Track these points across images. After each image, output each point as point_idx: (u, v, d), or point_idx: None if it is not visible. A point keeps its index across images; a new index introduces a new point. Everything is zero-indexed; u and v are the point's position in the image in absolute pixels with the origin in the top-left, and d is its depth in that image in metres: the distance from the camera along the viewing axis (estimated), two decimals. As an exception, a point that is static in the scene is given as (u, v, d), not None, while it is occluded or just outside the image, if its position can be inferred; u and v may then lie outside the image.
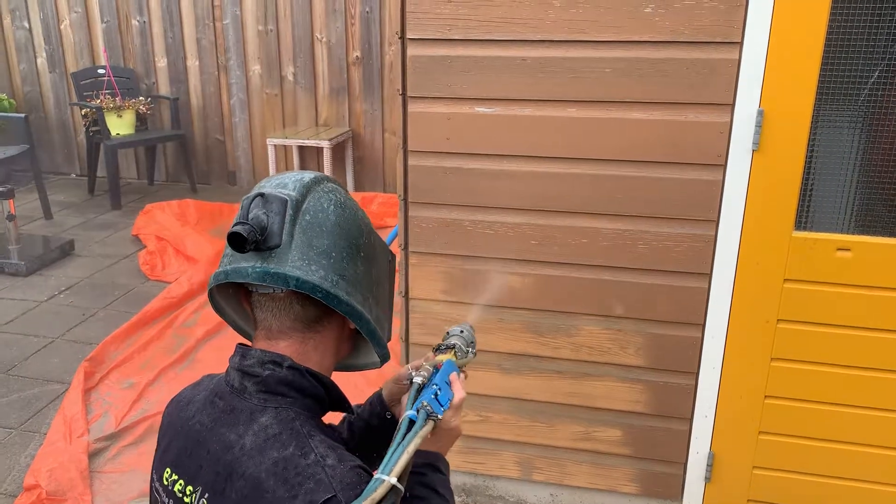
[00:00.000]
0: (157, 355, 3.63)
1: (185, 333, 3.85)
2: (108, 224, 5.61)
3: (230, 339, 3.77)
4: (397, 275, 2.27)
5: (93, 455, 2.91)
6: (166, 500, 1.13)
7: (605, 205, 2.25)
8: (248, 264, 1.04)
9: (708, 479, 2.43)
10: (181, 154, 6.45)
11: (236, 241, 1.02)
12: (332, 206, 1.08)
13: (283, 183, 1.09)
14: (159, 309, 4.04)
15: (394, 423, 1.29)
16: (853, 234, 2.13)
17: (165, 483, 1.13)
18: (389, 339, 1.18)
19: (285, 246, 1.04)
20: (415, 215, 2.40)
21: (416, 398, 1.11)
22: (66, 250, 4.97)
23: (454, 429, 1.18)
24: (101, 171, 6.21)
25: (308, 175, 1.12)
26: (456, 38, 2.19)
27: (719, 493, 2.44)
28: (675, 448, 2.44)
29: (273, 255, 1.04)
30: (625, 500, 2.56)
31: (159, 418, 3.07)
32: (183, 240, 4.91)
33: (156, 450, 1.20)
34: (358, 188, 6.24)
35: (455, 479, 2.44)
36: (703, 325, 2.29)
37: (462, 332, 1.34)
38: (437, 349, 1.30)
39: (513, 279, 2.37)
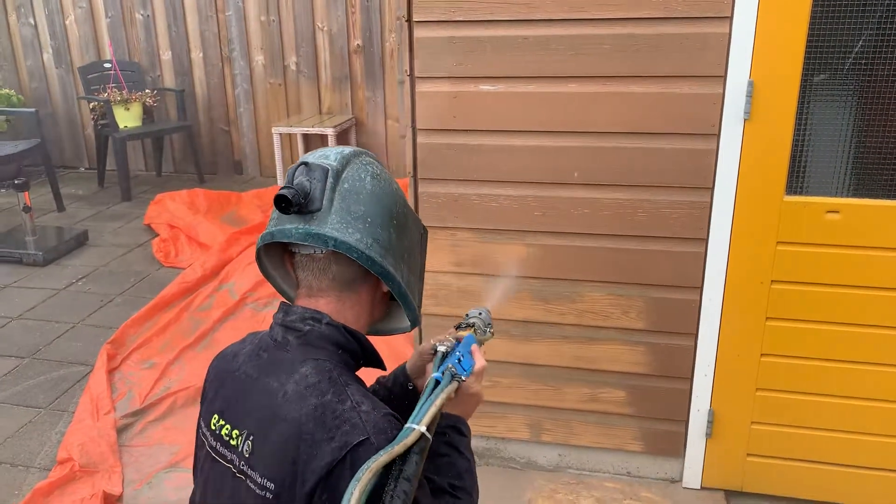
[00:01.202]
0: (176, 337, 3.76)
1: (201, 316, 3.97)
2: (119, 215, 5.73)
3: (246, 320, 3.93)
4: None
5: (120, 430, 3.04)
6: (213, 444, 1.24)
7: (605, 175, 2.36)
8: (291, 225, 1.16)
9: (709, 436, 2.55)
10: (188, 145, 6.56)
11: (282, 203, 1.13)
12: (369, 177, 1.19)
13: (326, 154, 1.20)
14: (175, 293, 4.16)
15: (415, 393, 1.40)
16: (842, 196, 2.24)
17: (213, 428, 1.24)
18: (420, 306, 1.29)
19: (325, 210, 1.15)
20: (424, 191, 2.51)
21: (440, 363, 1.23)
22: (80, 240, 5.09)
23: (476, 394, 1.28)
24: (110, 164, 6.33)
25: (348, 149, 1.23)
26: (460, 19, 2.30)
27: (720, 449, 2.57)
28: (676, 406, 2.56)
29: (314, 217, 1.15)
30: (630, 457, 2.69)
31: (181, 395, 3.26)
32: (195, 227, 5.03)
33: (201, 401, 1.31)
34: (362, 174, 6.34)
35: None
36: (701, 288, 2.40)
37: (480, 314, 1.45)
38: (458, 327, 1.41)
39: (518, 249, 2.49)
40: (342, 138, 6.19)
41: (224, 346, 3.69)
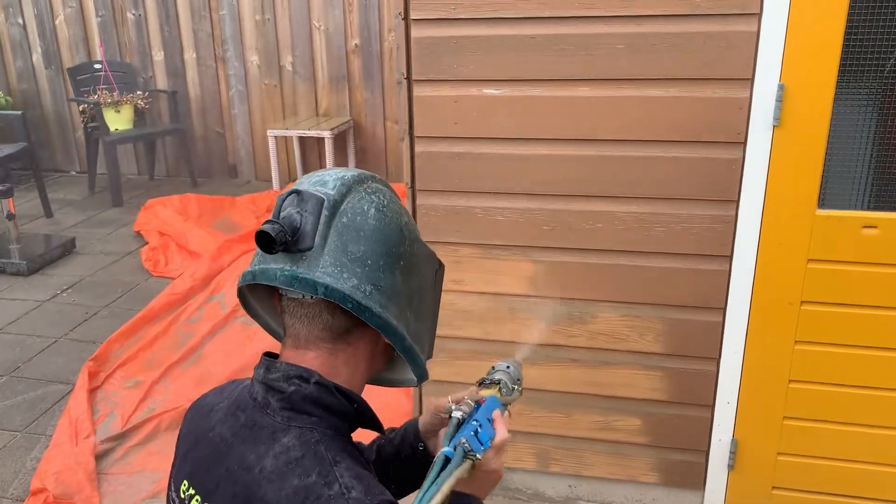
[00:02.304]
0: (163, 352, 3.57)
1: (190, 329, 3.78)
2: (109, 221, 5.54)
3: (236, 333, 3.74)
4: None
5: (100, 456, 2.85)
6: None
7: (619, 187, 2.17)
8: (276, 266, 0.97)
9: (731, 467, 2.37)
10: (181, 148, 6.37)
11: (264, 241, 0.94)
12: (373, 209, 1.00)
13: (323, 180, 1.01)
14: (163, 305, 3.97)
15: (426, 456, 1.22)
16: (880, 210, 2.05)
17: (182, 496, 1.07)
18: (430, 356, 1.10)
19: (318, 249, 0.96)
20: (423, 203, 2.32)
21: (454, 434, 1.03)
22: (67, 248, 4.91)
23: (495, 471, 1.08)
24: (101, 168, 6.14)
25: (350, 173, 1.04)
26: (462, 17, 2.11)
27: (743, 481, 2.38)
28: (696, 436, 2.37)
29: (304, 258, 0.96)
30: (645, 489, 2.50)
31: (166, 417, 3.07)
32: (185, 235, 4.85)
33: (174, 456, 1.13)
34: (361, 178, 6.16)
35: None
36: (725, 309, 2.21)
37: (509, 367, 1.25)
38: (481, 383, 1.22)
39: (525, 266, 2.30)
40: (339, 141, 6.00)
41: (212, 363, 3.45)
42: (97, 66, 6.20)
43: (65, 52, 6.56)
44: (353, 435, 1.06)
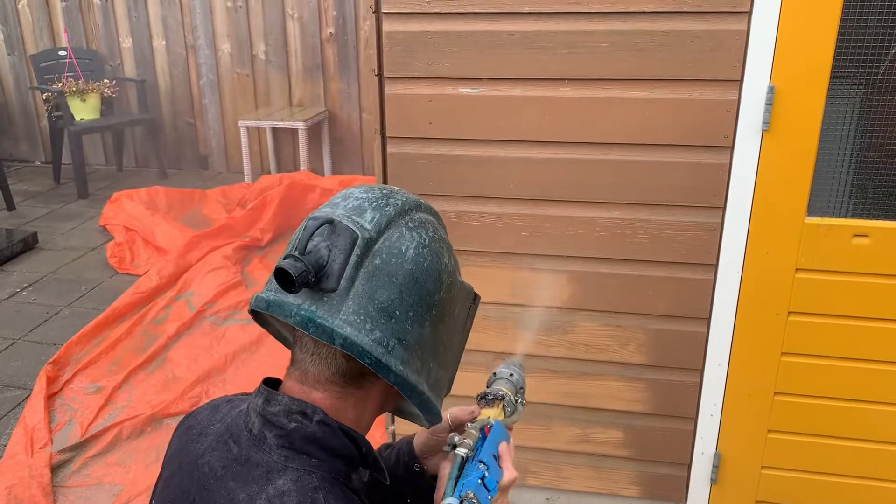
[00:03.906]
0: (126, 355, 3.43)
1: (155, 331, 3.64)
2: (74, 214, 5.36)
3: (204, 335, 3.60)
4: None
5: (56, 468, 2.72)
6: None
7: (601, 192, 2.07)
8: (295, 301, 0.87)
9: (714, 481, 2.29)
10: (150, 138, 6.18)
11: (283, 280, 0.84)
12: (412, 250, 0.90)
13: (361, 208, 0.90)
14: (128, 305, 3.82)
15: (423, 477, 1.13)
16: (871, 219, 1.97)
17: None
18: (448, 393, 1.00)
19: (342, 292, 0.86)
20: (395, 206, 2.20)
21: (458, 476, 0.94)
22: (29, 243, 4.72)
23: None
24: (67, 158, 5.94)
25: (395, 200, 0.92)
26: (436, 11, 1.99)
27: (726, 495, 2.30)
28: (678, 449, 2.29)
29: (326, 299, 0.86)
30: (625, 503, 2.42)
31: (128, 425, 2.93)
32: (152, 230, 4.68)
33: (159, 476, 1.04)
34: (336, 171, 6.03)
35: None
36: (709, 320, 2.13)
37: (511, 375, 1.16)
38: (483, 398, 1.13)
39: (503, 274, 2.20)
40: (314, 132, 5.85)
41: (177, 367, 3.29)
42: (62, 52, 5.98)
43: (28, 39, 6.33)
44: None
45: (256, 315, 0.99)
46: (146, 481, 2.65)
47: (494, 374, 1.18)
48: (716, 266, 2.07)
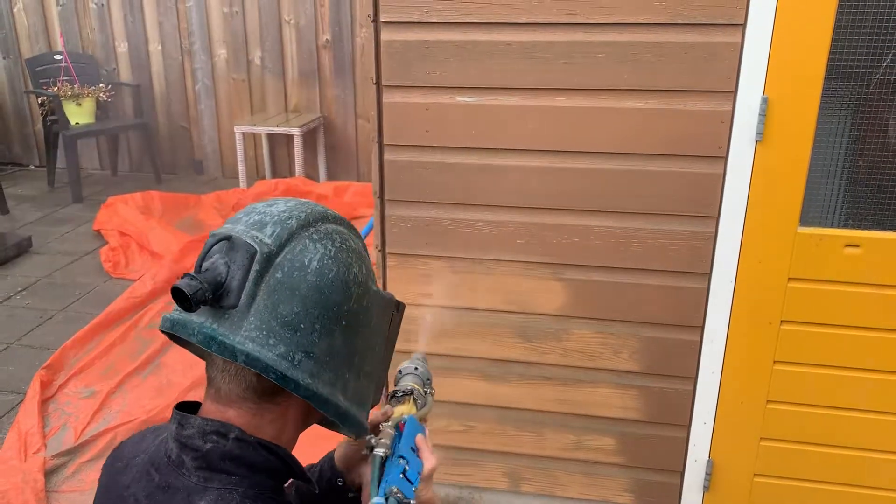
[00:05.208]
0: (120, 360, 3.43)
1: (149, 335, 3.64)
2: (68, 218, 5.35)
3: (198, 341, 3.60)
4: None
5: (50, 472, 2.71)
6: None
7: (596, 201, 2.09)
8: (197, 320, 0.86)
9: (706, 488, 2.30)
10: (145, 143, 6.18)
11: (180, 299, 0.83)
12: (315, 263, 0.88)
13: (262, 222, 0.89)
14: (122, 309, 3.82)
15: (345, 491, 1.13)
16: (863, 229, 1.99)
17: None
18: (376, 404, 1.00)
19: (243, 308, 0.85)
20: (392, 214, 2.22)
21: (380, 475, 0.95)
22: (23, 247, 4.72)
23: (427, 501, 1.01)
24: (62, 162, 5.93)
25: (297, 213, 0.91)
26: (434, 20, 2.01)
27: (718, 503, 2.32)
28: (671, 456, 2.30)
29: (227, 316, 0.85)
30: (618, 510, 2.43)
31: (122, 430, 2.92)
32: (147, 234, 4.68)
33: None
34: (331, 177, 6.04)
35: (439, 492, 2.29)
36: (702, 328, 2.14)
37: (416, 369, 1.18)
38: (393, 396, 1.14)
39: (498, 281, 2.21)
40: (310, 138, 5.86)
41: (171, 372, 3.28)
42: (57, 56, 5.98)
43: (23, 42, 6.33)
44: None
45: (172, 334, 0.98)
46: (140, 486, 2.65)
47: (400, 371, 1.19)
48: (709, 275, 2.09)
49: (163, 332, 0.95)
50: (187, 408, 0.95)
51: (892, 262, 1.97)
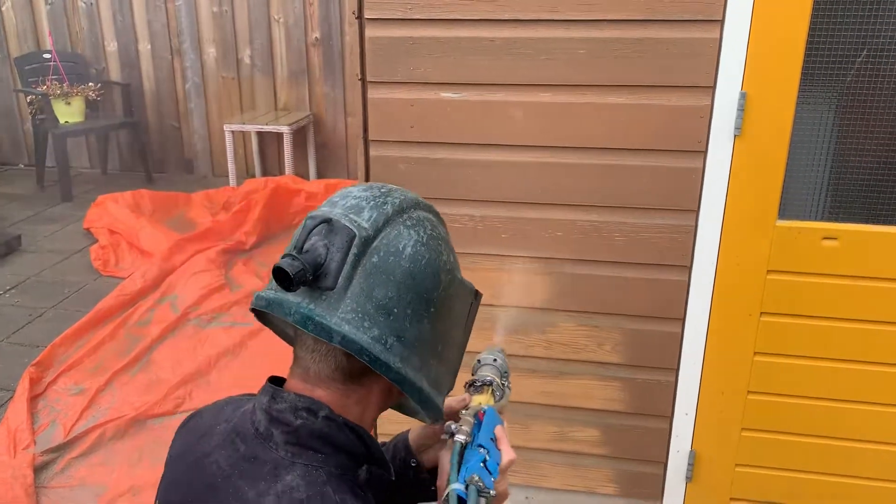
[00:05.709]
0: (109, 357, 3.44)
1: (139, 333, 3.65)
2: (58, 217, 5.35)
3: (188, 337, 3.62)
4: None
5: (39, 469, 2.72)
6: None
7: (579, 195, 2.12)
8: (294, 300, 0.89)
9: (689, 479, 2.34)
10: (135, 142, 6.18)
11: (281, 278, 0.85)
12: (410, 248, 0.91)
13: (359, 207, 0.91)
14: (112, 307, 3.83)
15: (418, 472, 1.14)
16: (840, 222, 2.03)
17: None
18: (451, 390, 1.02)
19: (340, 290, 0.88)
20: (378, 209, 2.24)
21: (460, 461, 0.96)
22: (12, 246, 4.71)
23: (503, 493, 1.02)
24: (51, 161, 5.93)
25: (393, 198, 0.94)
26: (418, 17, 2.03)
27: (701, 492, 2.35)
28: (654, 447, 2.34)
29: (324, 297, 0.88)
30: (603, 501, 2.46)
31: (111, 426, 2.94)
32: (137, 233, 4.68)
33: (161, 477, 1.04)
34: (321, 175, 6.05)
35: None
36: (684, 320, 2.18)
37: (496, 360, 1.19)
38: (472, 385, 1.15)
39: (482, 275, 2.24)
40: (299, 136, 5.87)
41: (161, 370, 3.29)
42: (46, 55, 5.97)
43: (12, 41, 6.31)
44: None
45: (259, 313, 1.00)
46: (129, 482, 2.67)
47: (479, 360, 1.20)
48: (690, 267, 2.12)
49: (254, 309, 0.97)
50: (275, 383, 0.97)
51: (869, 253, 2.00)
